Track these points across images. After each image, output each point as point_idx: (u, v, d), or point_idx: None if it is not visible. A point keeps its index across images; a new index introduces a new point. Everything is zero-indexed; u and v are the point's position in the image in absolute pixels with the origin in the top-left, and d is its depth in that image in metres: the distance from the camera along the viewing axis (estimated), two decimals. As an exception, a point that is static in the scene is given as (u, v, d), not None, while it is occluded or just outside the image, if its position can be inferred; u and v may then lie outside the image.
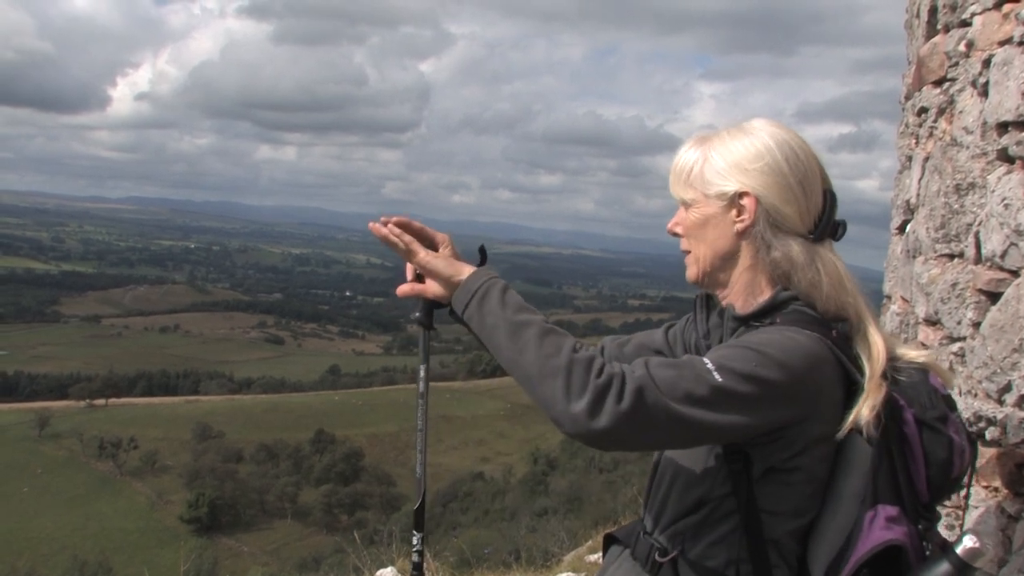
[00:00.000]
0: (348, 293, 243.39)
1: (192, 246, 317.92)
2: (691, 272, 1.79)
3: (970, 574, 1.55)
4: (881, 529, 1.57)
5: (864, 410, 1.59)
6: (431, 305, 1.87)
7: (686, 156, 1.77)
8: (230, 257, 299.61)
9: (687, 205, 1.77)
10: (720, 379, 1.51)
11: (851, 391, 1.62)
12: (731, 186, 1.70)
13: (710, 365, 1.53)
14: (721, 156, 1.72)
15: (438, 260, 1.75)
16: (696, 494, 1.68)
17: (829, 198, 1.73)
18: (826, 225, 1.72)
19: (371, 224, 1.79)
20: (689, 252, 1.79)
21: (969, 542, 1.55)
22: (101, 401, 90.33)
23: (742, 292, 1.75)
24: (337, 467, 69.79)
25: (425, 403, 1.97)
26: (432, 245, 1.83)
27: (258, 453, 73.43)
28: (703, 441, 1.59)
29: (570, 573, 7.19)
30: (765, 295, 1.72)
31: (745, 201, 1.69)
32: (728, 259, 1.74)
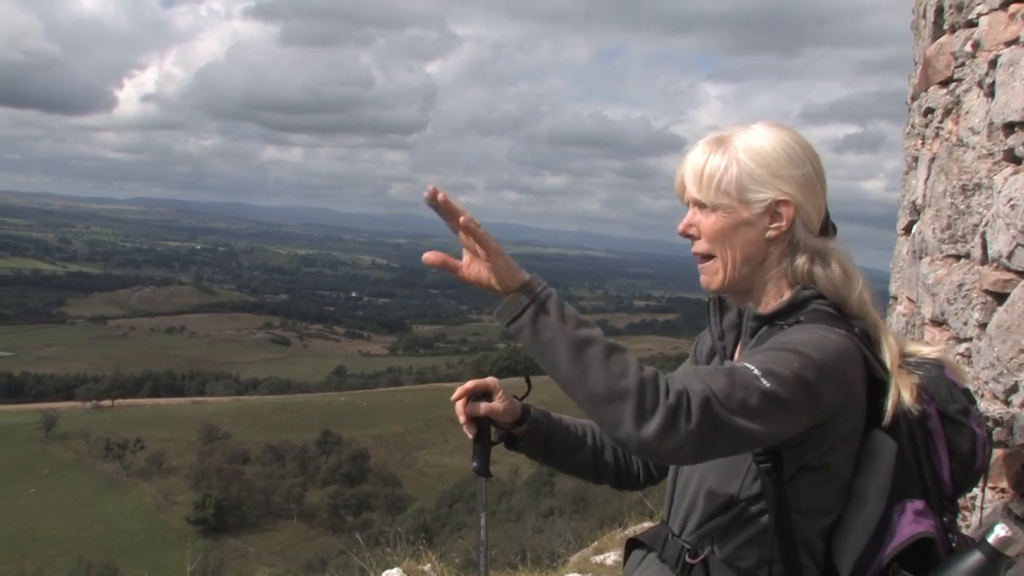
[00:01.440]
0: (354, 294, 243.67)
1: (198, 247, 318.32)
2: (716, 279, 1.76)
3: (1002, 562, 1.55)
4: (911, 523, 1.59)
5: (905, 394, 1.62)
6: (487, 451, 1.98)
7: (713, 160, 1.73)
8: (236, 258, 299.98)
9: (713, 209, 1.73)
10: (768, 385, 1.49)
11: (872, 388, 1.63)
12: (770, 193, 1.69)
13: (756, 371, 1.51)
14: (755, 161, 1.70)
15: (489, 269, 1.60)
16: (725, 495, 1.67)
17: None
18: (827, 224, 1.75)
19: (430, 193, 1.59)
20: (712, 257, 1.76)
21: (1000, 530, 1.54)
22: (107, 402, 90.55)
23: (764, 296, 1.75)
24: (343, 468, 69.86)
25: (486, 551, 2.02)
26: (487, 394, 2.01)
27: (264, 454, 73.56)
28: (758, 447, 1.58)
29: (576, 574, 7.19)
30: (786, 296, 1.72)
31: (783, 209, 1.69)
32: (755, 264, 1.73)
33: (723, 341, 1.85)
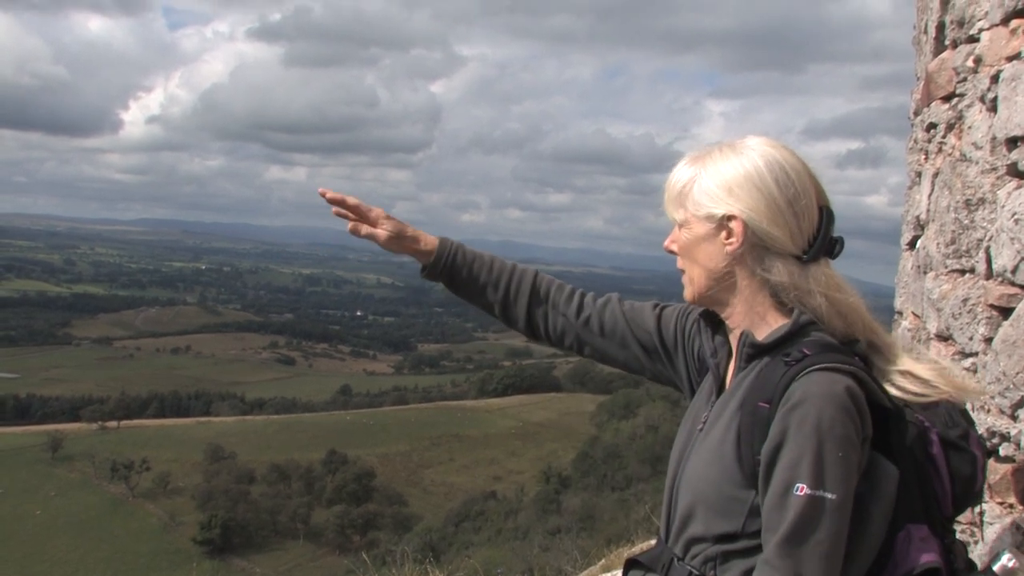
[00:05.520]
0: (359, 313, 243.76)
1: (203, 267, 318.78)
2: (687, 292, 1.81)
3: None
4: (917, 552, 1.57)
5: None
6: None
7: (679, 175, 1.77)
8: (241, 278, 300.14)
9: (680, 224, 1.78)
10: (833, 494, 1.50)
11: (874, 412, 1.60)
12: (720, 208, 1.69)
13: (808, 490, 1.51)
14: (710, 177, 1.72)
15: None
16: (729, 528, 1.64)
17: (826, 215, 1.71)
18: (822, 244, 1.70)
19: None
20: (685, 271, 1.81)
21: (1007, 560, 1.53)
22: (113, 423, 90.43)
23: (744, 313, 1.74)
24: (349, 487, 69.64)
25: None
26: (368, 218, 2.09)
27: (270, 474, 73.36)
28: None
29: (583, 593, 7.15)
30: (772, 317, 1.71)
31: (733, 224, 1.69)
32: (722, 280, 1.73)
33: (716, 358, 1.84)
